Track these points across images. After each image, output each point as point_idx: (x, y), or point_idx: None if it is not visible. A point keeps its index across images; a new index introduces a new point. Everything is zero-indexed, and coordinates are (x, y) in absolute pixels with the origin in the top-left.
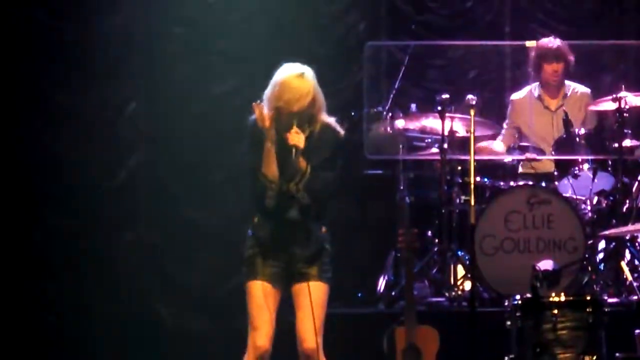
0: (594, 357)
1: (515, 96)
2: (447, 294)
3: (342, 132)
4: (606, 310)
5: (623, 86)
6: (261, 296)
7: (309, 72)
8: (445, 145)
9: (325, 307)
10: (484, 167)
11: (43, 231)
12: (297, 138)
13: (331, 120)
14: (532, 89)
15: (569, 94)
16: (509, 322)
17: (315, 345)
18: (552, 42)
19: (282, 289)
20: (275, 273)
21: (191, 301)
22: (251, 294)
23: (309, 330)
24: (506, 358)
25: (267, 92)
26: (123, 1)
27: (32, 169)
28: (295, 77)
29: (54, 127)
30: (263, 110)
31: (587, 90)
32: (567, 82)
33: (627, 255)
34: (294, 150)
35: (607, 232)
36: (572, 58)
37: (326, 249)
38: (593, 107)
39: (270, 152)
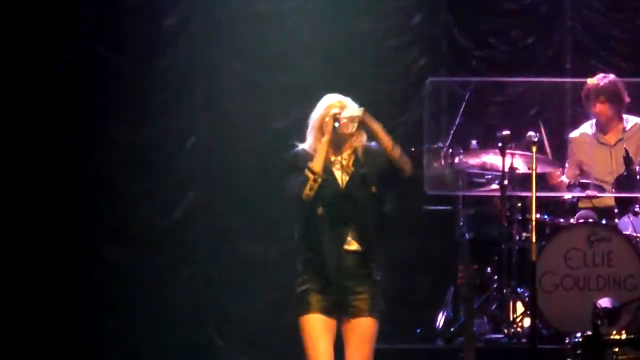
0: None
1: (573, 134)
2: (506, 331)
3: None
4: None
5: None
6: (317, 330)
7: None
8: (506, 182)
9: (374, 343)
10: (544, 204)
11: (101, 266)
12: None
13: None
14: (590, 125)
15: (628, 128)
16: None
17: None
18: (599, 80)
19: (336, 319)
20: (327, 306)
21: (247, 335)
22: (306, 328)
23: None
24: None
25: (315, 113)
26: (182, 36)
27: (92, 203)
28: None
29: (114, 161)
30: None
31: None
32: (625, 115)
33: None
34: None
35: None
36: (624, 95)
37: (377, 281)
38: None
39: (325, 145)
